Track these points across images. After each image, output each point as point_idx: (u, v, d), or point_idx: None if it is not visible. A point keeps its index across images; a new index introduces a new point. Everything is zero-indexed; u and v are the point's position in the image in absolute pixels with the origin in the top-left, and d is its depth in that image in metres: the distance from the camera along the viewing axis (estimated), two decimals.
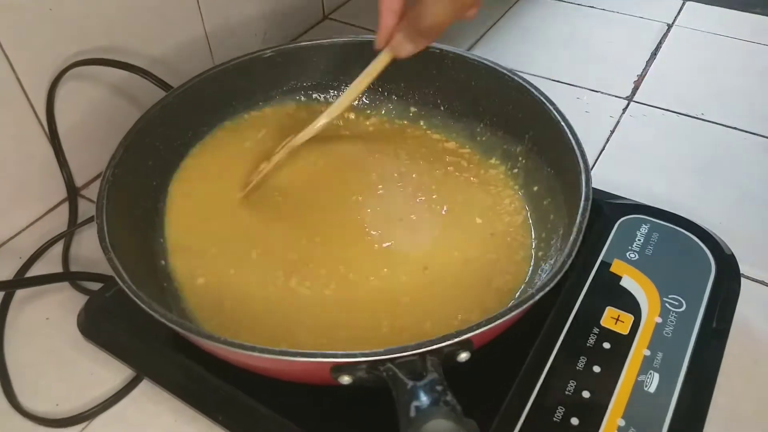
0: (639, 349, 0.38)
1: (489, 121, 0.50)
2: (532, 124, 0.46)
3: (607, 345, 0.38)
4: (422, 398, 0.28)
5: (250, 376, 0.35)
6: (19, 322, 0.45)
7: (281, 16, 0.70)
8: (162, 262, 0.42)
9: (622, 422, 0.35)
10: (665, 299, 0.40)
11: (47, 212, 0.52)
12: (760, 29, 0.72)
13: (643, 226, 0.45)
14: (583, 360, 0.37)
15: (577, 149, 0.40)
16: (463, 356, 0.31)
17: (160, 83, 0.48)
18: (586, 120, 0.61)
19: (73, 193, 0.53)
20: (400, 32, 0.38)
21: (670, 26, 0.73)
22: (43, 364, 0.42)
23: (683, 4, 0.77)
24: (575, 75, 0.66)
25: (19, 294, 0.46)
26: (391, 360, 0.30)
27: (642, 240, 0.44)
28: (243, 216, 0.46)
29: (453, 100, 0.51)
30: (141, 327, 0.40)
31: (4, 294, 0.46)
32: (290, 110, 0.53)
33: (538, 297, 0.32)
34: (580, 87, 0.65)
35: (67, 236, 0.50)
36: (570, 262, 0.34)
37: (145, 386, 0.40)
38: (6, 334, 0.44)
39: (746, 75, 0.66)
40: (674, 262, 0.43)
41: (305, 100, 0.53)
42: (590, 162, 0.40)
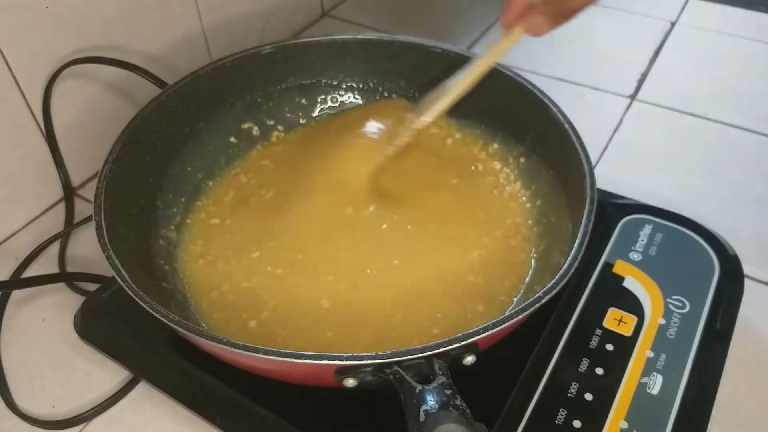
0: (642, 351, 0.38)
1: (490, 121, 0.49)
2: (534, 125, 0.46)
3: (610, 346, 0.38)
4: (431, 402, 0.27)
5: (249, 378, 0.34)
6: (16, 323, 0.44)
7: (280, 12, 0.69)
8: (161, 262, 0.42)
9: (624, 424, 0.34)
10: (668, 300, 0.40)
11: (43, 212, 0.52)
12: (765, 27, 0.72)
13: (646, 226, 0.45)
14: (585, 362, 0.37)
15: (580, 151, 0.39)
16: (469, 359, 0.31)
17: (157, 81, 0.48)
18: (588, 119, 0.60)
19: (69, 193, 0.52)
20: (539, 12, 0.39)
21: (673, 24, 0.73)
22: (40, 366, 0.42)
23: (686, 2, 0.76)
24: (578, 73, 0.66)
25: (16, 295, 0.46)
26: (399, 363, 0.29)
27: (645, 240, 0.44)
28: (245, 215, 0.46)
29: None
30: (138, 328, 0.39)
31: (1, 295, 0.45)
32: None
33: (545, 300, 0.32)
34: (583, 85, 0.65)
35: (63, 236, 0.49)
36: (576, 265, 0.33)
37: (143, 388, 0.40)
38: (2, 335, 0.43)
39: (750, 73, 0.65)
40: (678, 262, 0.42)
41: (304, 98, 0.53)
42: (593, 161, 0.39)
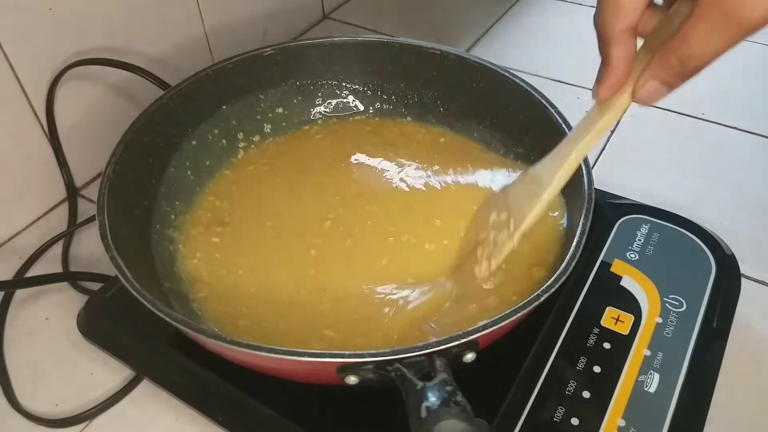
0: (639, 349, 0.38)
1: (489, 122, 0.50)
2: (532, 126, 0.46)
3: (607, 345, 0.38)
4: (432, 399, 0.28)
5: (251, 376, 0.35)
6: (19, 322, 0.44)
7: (281, 15, 0.69)
8: (163, 261, 0.42)
9: (622, 422, 0.35)
10: (665, 299, 0.40)
11: (47, 212, 0.52)
12: (763, 29, 0.72)
13: (644, 226, 0.45)
14: (583, 360, 0.37)
15: None
16: (469, 357, 0.31)
17: (160, 83, 0.48)
18: None
19: (72, 193, 0.53)
20: (652, 77, 0.31)
21: None
22: (43, 364, 0.42)
23: None
24: (575, 74, 0.66)
25: (19, 294, 0.46)
26: (400, 360, 0.30)
27: (642, 240, 0.44)
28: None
29: (452, 101, 0.51)
30: (141, 327, 0.40)
31: (4, 294, 0.45)
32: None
33: (544, 298, 0.32)
34: (580, 87, 0.65)
35: (66, 236, 0.50)
36: (574, 264, 0.34)
37: (146, 386, 0.40)
38: (6, 334, 0.44)
39: (747, 75, 0.66)
40: (675, 262, 0.43)
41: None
42: (590, 162, 0.40)
